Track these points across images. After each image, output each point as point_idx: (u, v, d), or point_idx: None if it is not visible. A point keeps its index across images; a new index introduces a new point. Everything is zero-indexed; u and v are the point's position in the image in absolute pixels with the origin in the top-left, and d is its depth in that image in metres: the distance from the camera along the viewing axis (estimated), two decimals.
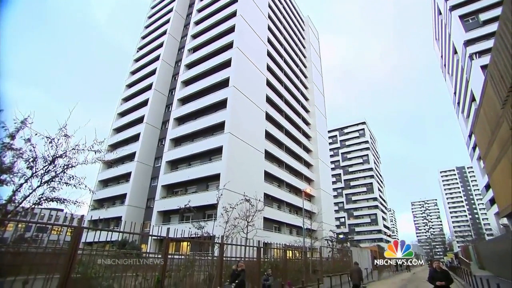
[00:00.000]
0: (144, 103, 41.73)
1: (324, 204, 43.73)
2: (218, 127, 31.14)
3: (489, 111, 16.16)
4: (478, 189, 61.31)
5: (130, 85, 47.88)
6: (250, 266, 10.90)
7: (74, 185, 8.34)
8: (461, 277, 19.37)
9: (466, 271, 18.01)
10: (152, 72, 44.09)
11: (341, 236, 45.14)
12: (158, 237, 9.49)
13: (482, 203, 69.35)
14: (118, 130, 43.97)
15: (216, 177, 28.14)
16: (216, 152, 30.16)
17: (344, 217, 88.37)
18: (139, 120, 40.57)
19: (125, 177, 37.64)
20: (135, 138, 39.55)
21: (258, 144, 33.37)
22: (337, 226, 58.80)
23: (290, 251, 15.51)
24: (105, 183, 40.86)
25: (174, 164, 33.95)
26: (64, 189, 8.19)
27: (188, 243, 10.22)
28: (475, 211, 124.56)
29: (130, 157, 38.00)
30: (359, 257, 23.03)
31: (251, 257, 11.51)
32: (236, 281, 8.26)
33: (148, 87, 42.89)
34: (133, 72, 49.06)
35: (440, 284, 7.77)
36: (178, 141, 34.97)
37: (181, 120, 36.02)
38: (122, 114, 45.43)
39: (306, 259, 15.87)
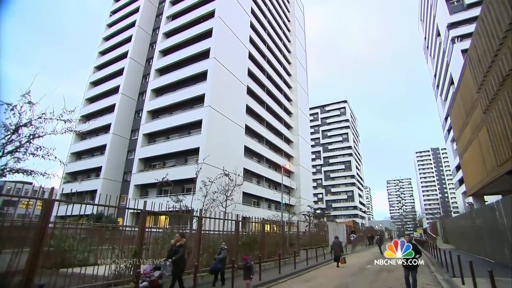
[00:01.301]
0: (119, 72, 39.56)
1: (303, 180, 44.77)
2: (198, 100, 30.28)
3: (465, 95, 16.68)
4: (450, 170, 65.05)
5: (103, 52, 45.00)
6: (229, 239, 11.04)
7: (42, 156, 7.83)
8: (428, 250, 20.82)
9: (433, 244, 19.32)
10: (128, 40, 41.48)
11: (318, 211, 46.84)
12: (135, 210, 9.28)
13: (452, 183, 73.76)
14: (92, 100, 41.74)
15: (195, 151, 27.77)
16: (195, 126, 29.52)
17: (322, 193, 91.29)
18: (114, 90, 38.61)
19: (100, 149, 36.33)
20: (110, 109, 37.78)
21: (238, 118, 32.96)
22: (314, 202, 60.79)
23: (268, 225, 15.89)
24: (79, 155, 39.30)
25: (152, 137, 33.06)
26: (31, 160, 7.68)
27: (166, 216, 10.08)
28: (445, 190, 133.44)
29: (105, 129, 36.50)
30: (335, 232, 24.11)
31: (230, 231, 11.65)
32: (173, 258, 7.44)
33: (123, 55, 40.49)
34: (107, 38, 45.96)
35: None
36: (156, 114, 33.84)
37: (159, 91, 34.65)
38: (95, 83, 42.96)
39: (283, 232, 16.33)
